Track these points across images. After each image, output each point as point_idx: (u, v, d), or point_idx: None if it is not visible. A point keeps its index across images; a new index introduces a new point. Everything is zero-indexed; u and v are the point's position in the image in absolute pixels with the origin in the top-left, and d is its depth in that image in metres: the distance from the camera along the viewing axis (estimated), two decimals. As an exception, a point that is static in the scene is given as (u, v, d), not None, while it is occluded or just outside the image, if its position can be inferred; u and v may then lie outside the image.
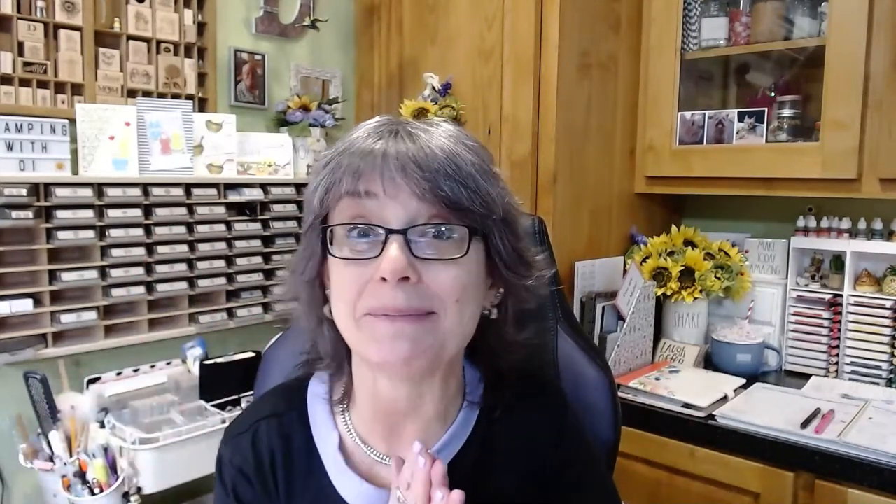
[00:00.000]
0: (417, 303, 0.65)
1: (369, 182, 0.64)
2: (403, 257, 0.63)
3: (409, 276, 0.63)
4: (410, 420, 0.74)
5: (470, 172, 0.65)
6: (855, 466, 1.27)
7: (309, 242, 0.71)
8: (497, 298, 0.74)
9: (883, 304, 1.63)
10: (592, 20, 1.72)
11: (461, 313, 0.67)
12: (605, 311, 1.67)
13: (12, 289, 1.46)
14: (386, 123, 0.69)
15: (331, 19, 2.06)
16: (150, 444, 1.40)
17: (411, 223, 0.64)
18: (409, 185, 0.64)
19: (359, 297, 0.66)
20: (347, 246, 0.66)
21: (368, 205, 0.65)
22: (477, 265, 0.69)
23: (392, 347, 0.65)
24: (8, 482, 1.54)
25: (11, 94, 1.49)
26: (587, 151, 1.75)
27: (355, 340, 0.69)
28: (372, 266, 0.65)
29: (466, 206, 0.65)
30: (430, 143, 0.66)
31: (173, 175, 1.65)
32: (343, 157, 0.66)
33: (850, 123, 1.52)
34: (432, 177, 0.63)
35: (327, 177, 0.66)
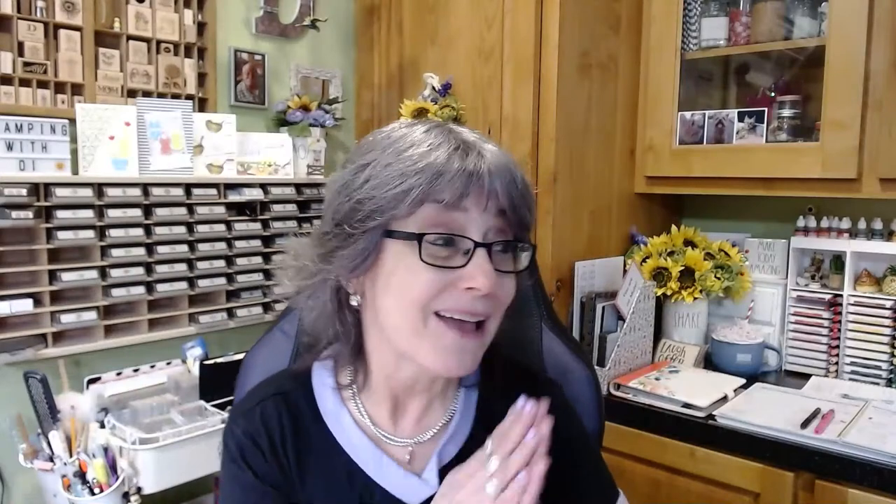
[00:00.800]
0: (489, 310, 0.72)
1: (471, 199, 0.69)
2: (492, 272, 0.70)
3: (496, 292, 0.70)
4: (417, 398, 0.80)
5: (533, 199, 0.75)
6: (855, 466, 1.27)
7: (370, 240, 0.71)
8: None
9: (883, 304, 1.63)
10: (592, 20, 1.72)
11: (500, 319, 0.75)
12: (605, 311, 1.67)
13: (12, 289, 1.46)
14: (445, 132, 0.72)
15: (331, 19, 2.06)
16: (150, 444, 1.40)
17: (486, 236, 0.71)
18: (501, 204, 0.70)
19: (434, 298, 0.70)
20: (428, 251, 0.69)
21: (454, 216, 0.69)
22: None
23: (456, 361, 0.72)
24: (8, 482, 1.54)
25: (11, 94, 1.49)
26: (587, 151, 1.75)
27: (414, 340, 0.71)
28: (454, 273, 0.69)
29: (529, 227, 0.75)
30: (508, 163, 0.72)
31: (173, 175, 1.65)
32: (444, 175, 0.68)
33: (850, 123, 1.52)
34: (517, 196, 0.71)
35: (419, 182, 0.68)
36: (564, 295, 1.70)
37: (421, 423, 0.80)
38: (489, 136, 1.73)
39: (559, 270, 1.68)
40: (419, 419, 0.80)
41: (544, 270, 1.66)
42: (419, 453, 0.80)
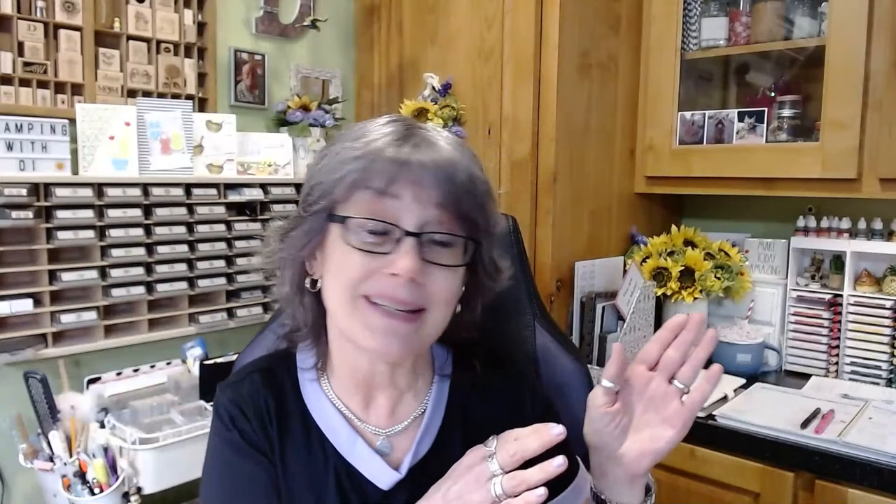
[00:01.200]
0: (414, 299, 0.72)
1: (401, 187, 0.70)
2: (418, 260, 0.70)
3: (418, 279, 0.71)
4: (384, 391, 0.81)
5: (484, 192, 0.75)
6: (855, 466, 1.27)
7: (314, 222, 0.75)
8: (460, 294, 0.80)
9: (883, 304, 1.63)
10: (592, 20, 1.72)
11: (446, 313, 0.76)
12: (605, 311, 1.67)
13: (12, 289, 1.46)
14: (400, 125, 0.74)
15: (331, 19, 2.06)
16: (150, 444, 1.40)
17: (423, 228, 0.71)
18: (435, 195, 0.71)
19: (362, 281, 0.72)
20: (359, 236, 0.72)
21: (388, 203, 0.71)
22: (463, 270, 0.77)
23: (384, 342, 0.72)
24: (8, 482, 1.54)
25: (11, 94, 1.49)
26: (587, 151, 1.75)
27: (347, 320, 0.74)
28: (382, 259, 0.71)
29: (475, 220, 0.73)
30: (453, 157, 0.73)
31: (173, 175, 1.65)
32: (376, 162, 0.70)
33: (850, 123, 1.52)
34: (457, 190, 0.71)
35: (355, 169, 0.71)
36: (564, 295, 1.70)
37: (394, 416, 0.82)
38: (489, 136, 1.75)
39: (559, 270, 1.68)
40: (391, 412, 0.82)
41: (544, 270, 1.67)
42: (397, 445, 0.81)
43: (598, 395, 0.74)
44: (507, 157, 1.72)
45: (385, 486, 0.78)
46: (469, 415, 0.84)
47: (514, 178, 1.70)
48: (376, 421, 0.81)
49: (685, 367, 0.75)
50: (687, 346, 0.74)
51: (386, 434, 0.81)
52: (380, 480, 0.78)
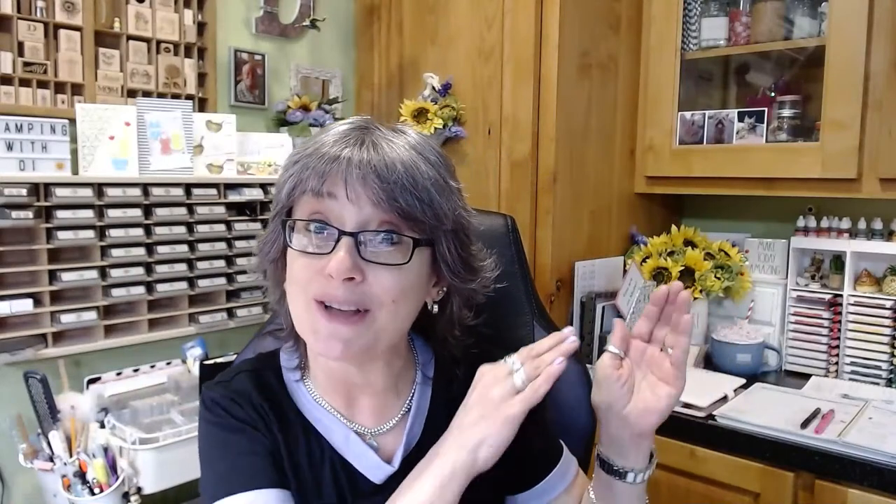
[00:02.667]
0: (355, 299, 0.71)
1: (332, 185, 0.70)
2: (350, 259, 0.70)
3: (354, 276, 0.70)
4: (364, 392, 0.81)
5: (425, 186, 0.71)
6: (855, 466, 1.27)
7: (275, 228, 0.78)
8: (440, 295, 0.81)
9: (883, 304, 1.63)
10: (592, 20, 1.72)
11: (396, 312, 0.74)
12: (605, 311, 1.67)
13: (12, 289, 1.46)
14: (356, 130, 0.74)
15: (331, 19, 2.06)
16: (150, 444, 1.40)
17: (363, 227, 0.71)
18: (367, 193, 0.70)
19: (308, 284, 0.72)
20: (305, 237, 0.73)
21: (328, 204, 0.71)
22: (419, 269, 0.75)
23: (327, 345, 0.72)
24: (8, 482, 1.54)
25: (11, 94, 1.49)
26: (587, 151, 1.75)
27: (301, 325, 0.75)
28: (323, 260, 0.71)
29: (418, 218, 0.71)
30: (392, 155, 0.71)
31: (173, 175, 1.65)
32: (311, 160, 0.71)
33: (850, 123, 1.52)
34: (390, 188, 0.69)
35: (295, 175, 0.72)
36: (564, 295, 1.70)
37: (379, 417, 0.82)
38: (489, 136, 1.75)
39: (559, 270, 1.68)
40: (376, 412, 0.82)
41: (544, 270, 1.67)
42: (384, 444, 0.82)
43: (605, 360, 0.78)
44: (507, 157, 1.72)
45: (378, 480, 0.79)
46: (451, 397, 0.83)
47: (514, 178, 1.70)
48: (362, 420, 0.82)
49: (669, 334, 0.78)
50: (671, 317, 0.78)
51: (372, 433, 0.82)
52: (373, 475, 0.79)
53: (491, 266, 0.83)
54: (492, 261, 0.83)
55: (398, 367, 0.83)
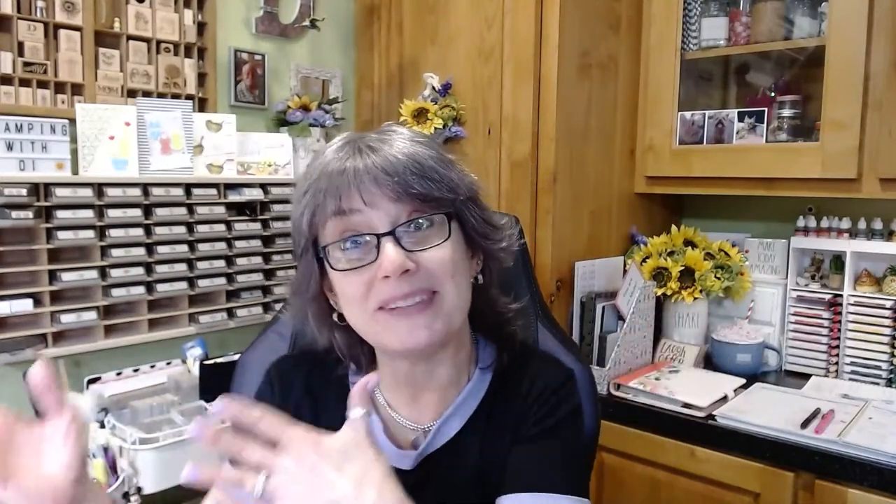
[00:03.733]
0: (419, 286, 0.72)
1: (350, 200, 0.72)
2: (400, 253, 0.71)
3: (409, 267, 0.71)
4: (428, 389, 0.83)
5: (431, 166, 0.74)
6: (855, 466, 1.27)
7: (307, 264, 0.78)
8: (479, 266, 0.83)
9: (883, 304, 1.63)
10: (592, 20, 1.72)
11: (458, 287, 0.76)
12: (605, 311, 1.67)
13: (12, 289, 1.46)
14: (349, 143, 0.76)
15: (331, 19, 2.06)
16: (150, 444, 1.40)
17: (395, 224, 0.72)
18: (384, 192, 0.71)
19: (367, 296, 0.73)
20: (343, 258, 0.74)
21: (354, 219, 0.73)
22: (459, 242, 0.77)
23: (412, 339, 0.73)
24: (8, 482, 1.54)
25: (11, 94, 1.49)
26: (587, 151, 1.75)
27: (373, 334, 0.77)
28: (371, 270, 0.72)
29: (437, 196, 0.73)
30: (392, 151, 0.73)
31: (173, 175, 1.65)
32: (321, 182, 0.73)
33: (850, 123, 1.52)
34: (401, 179, 0.71)
35: (310, 202, 0.74)
36: (564, 295, 1.70)
37: (437, 412, 0.84)
38: (489, 136, 1.75)
39: (559, 270, 1.68)
40: (435, 409, 0.84)
41: (544, 270, 1.67)
42: None
43: None
44: (507, 157, 1.72)
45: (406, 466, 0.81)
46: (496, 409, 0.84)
47: (514, 178, 1.70)
48: (417, 417, 0.83)
49: None
50: None
51: (424, 429, 0.83)
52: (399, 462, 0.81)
53: (508, 224, 0.86)
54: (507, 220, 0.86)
55: (463, 357, 0.85)
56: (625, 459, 1.56)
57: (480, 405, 0.84)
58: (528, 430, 0.81)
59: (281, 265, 1.87)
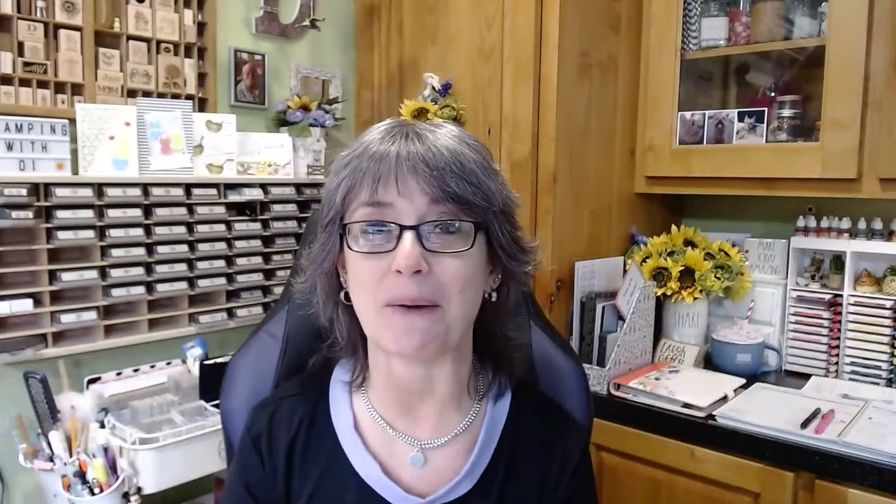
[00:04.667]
0: (427, 293, 0.71)
1: (386, 186, 0.70)
2: (417, 250, 0.69)
3: (422, 268, 0.70)
4: (425, 401, 0.80)
5: (472, 170, 0.72)
6: (855, 466, 1.27)
7: (329, 236, 0.76)
8: (496, 282, 0.80)
9: (883, 304, 1.63)
10: (592, 20, 1.72)
11: (464, 301, 0.73)
12: (605, 311, 1.67)
13: (12, 289, 1.46)
14: (397, 126, 0.75)
15: (331, 19, 2.06)
16: (150, 444, 1.40)
17: (422, 219, 0.70)
18: (420, 184, 0.70)
19: (377, 287, 0.72)
20: (364, 240, 0.72)
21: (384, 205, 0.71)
22: (480, 255, 0.75)
23: (406, 338, 0.72)
24: (8, 482, 1.54)
25: (11, 94, 1.49)
26: (587, 151, 1.75)
27: (374, 329, 0.75)
28: (388, 258, 0.71)
29: (470, 200, 0.71)
30: (437, 143, 0.72)
31: (173, 175, 1.65)
32: (361, 161, 0.72)
33: (850, 123, 1.52)
34: (439, 175, 0.70)
35: (348, 178, 0.72)
36: (564, 295, 1.70)
37: (436, 430, 0.81)
38: (489, 135, 1.75)
39: (559, 270, 1.68)
40: (434, 425, 0.80)
41: (544, 270, 1.66)
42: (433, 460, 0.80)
43: None
44: (507, 157, 1.71)
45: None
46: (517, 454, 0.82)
47: (514, 178, 1.70)
48: (419, 432, 0.80)
49: None
50: None
51: (422, 446, 0.80)
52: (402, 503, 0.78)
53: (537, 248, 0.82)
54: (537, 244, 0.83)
55: (464, 373, 0.82)
56: (625, 459, 1.56)
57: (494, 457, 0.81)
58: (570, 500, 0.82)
59: (281, 265, 1.87)
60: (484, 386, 0.84)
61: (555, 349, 1.04)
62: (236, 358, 0.99)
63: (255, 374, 0.95)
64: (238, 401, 0.94)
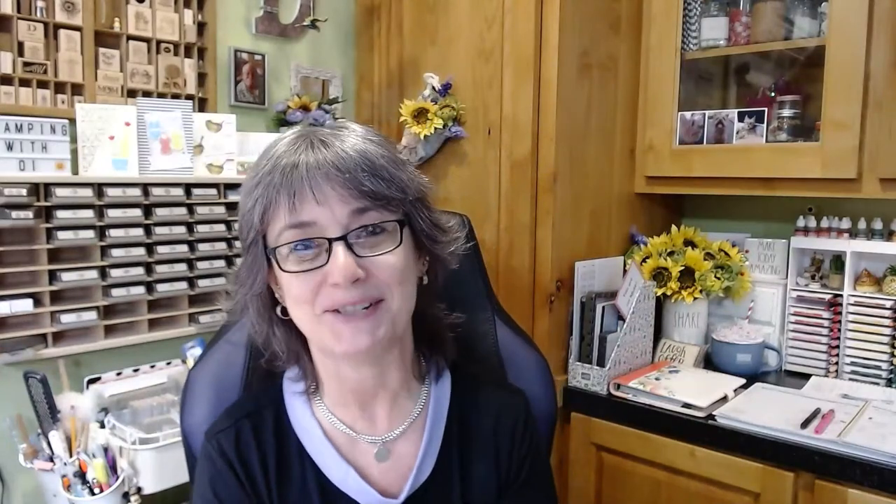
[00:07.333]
0: (368, 295, 0.72)
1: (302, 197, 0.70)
2: (350, 260, 0.70)
3: (359, 276, 0.71)
4: (379, 396, 0.82)
5: (382, 165, 0.73)
6: (855, 466, 1.27)
7: (254, 258, 0.76)
8: (426, 266, 0.82)
9: (883, 304, 1.63)
10: (592, 20, 1.72)
11: (403, 293, 0.76)
12: (605, 311, 1.67)
13: (12, 289, 1.46)
14: (302, 136, 0.76)
15: (331, 19, 2.06)
16: (150, 444, 1.40)
17: (347, 229, 0.71)
18: (335, 189, 0.71)
19: (314, 298, 0.72)
20: (294, 259, 0.72)
21: (305, 219, 0.71)
22: (408, 247, 0.77)
23: (355, 341, 0.73)
24: (8, 482, 1.54)
25: (11, 94, 1.49)
26: (587, 151, 1.75)
27: (318, 337, 0.76)
28: (322, 272, 0.71)
29: (386, 195, 0.72)
30: (344, 147, 0.73)
31: (173, 175, 1.65)
32: (273, 175, 0.72)
33: (850, 123, 1.52)
34: (352, 176, 0.71)
35: (262, 196, 0.72)
36: (564, 295, 1.70)
37: (391, 421, 0.82)
38: (489, 136, 1.75)
39: (559, 270, 1.68)
40: (390, 418, 0.83)
41: (544, 270, 1.67)
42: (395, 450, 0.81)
43: None
44: (507, 157, 1.71)
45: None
46: (467, 430, 0.85)
47: (514, 178, 1.70)
48: (376, 429, 0.82)
49: None
50: None
51: (382, 440, 0.81)
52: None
53: (456, 227, 0.85)
54: (455, 222, 0.86)
55: (408, 360, 0.84)
56: (625, 459, 1.56)
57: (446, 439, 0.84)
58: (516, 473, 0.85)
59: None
60: (426, 367, 0.87)
61: (519, 343, 1.08)
62: (196, 371, 0.96)
63: (218, 386, 0.93)
64: (201, 415, 0.92)
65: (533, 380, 1.04)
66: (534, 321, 1.68)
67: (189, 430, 0.93)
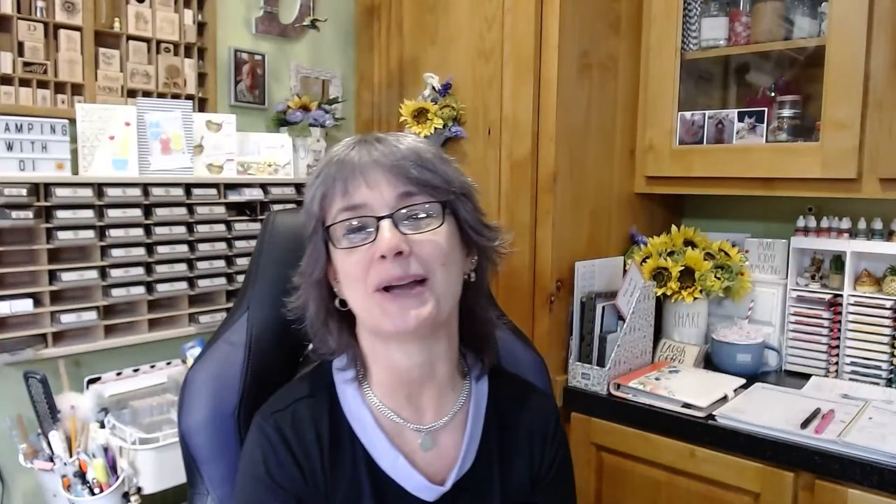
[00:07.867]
0: (412, 270, 0.77)
1: (355, 183, 0.78)
2: (396, 235, 0.77)
3: (402, 249, 0.76)
4: (427, 387, 0.85)
5: (429, 159, 0.81)
6: (855, 466, 1.27)
7: (315, 246, 0.82)
8: (474, 264, 0.86)
9: (883, 304, 1.63)
10: (592, 20, 1.72)
11: (448, 274, 0.80)
12: (605, 311, 1.67)
13: (12, 289, 1.46)
14: (360, 138, 0.83)
15: (331, 19, 2.06)
16: (150, 444, 1.40)
17: (393, 209, 0.78)
18: (385, 175, 0.78)
19: (366, 276, 0.78)
20: (347, 241, 0.79)
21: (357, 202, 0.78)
22: (452, 234, 0.82)
23: (403, 318, 0.77)
24: (8, 482, 1.54)
25: (11, 94, 1.49)
26: (587, 151, 1.75)
27: (370, 316, 0.80)
28: (371, 249, 0.77)
29: (432, 183, 0.79)
30: (396, 144, 0.81)
31: (173, 175, 1.65)
32: (330, 168, 0.80)
33: (850, 123, 1.52)
34: (400, 164, 0.78)
35: (320, 186, 0.81)
36: (564, 295, 1.70)
37: (437, 412, 0.86)
38: (489, 136, 1.75)
39: (559, 270, 1.68)
40: (436, 408, 0.86)
41: (544, 270, 1.67)
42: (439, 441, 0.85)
43: None
44: (507, 157, 1.71)
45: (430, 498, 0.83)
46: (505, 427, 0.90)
47: (514, 178, 1.70)
48: (419, 419, 0.85)
49: None
50: None
51: (427, 430, 0.85)
52: (424, 494, 0.83)
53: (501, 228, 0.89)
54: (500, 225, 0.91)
55: (455, 355, 0.88)
56: (625, 459, 1.56)
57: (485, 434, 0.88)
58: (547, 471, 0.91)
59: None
60: (468, 366, 0.91)
61: (517, 343, 1.10)
62: (194, 371, 0.95)
63: (217, 386, 0.93)
64: (199, 416, 0.92)
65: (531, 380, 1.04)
66: (534, 321, 1.68)
67: (187, 430, 0.93)
